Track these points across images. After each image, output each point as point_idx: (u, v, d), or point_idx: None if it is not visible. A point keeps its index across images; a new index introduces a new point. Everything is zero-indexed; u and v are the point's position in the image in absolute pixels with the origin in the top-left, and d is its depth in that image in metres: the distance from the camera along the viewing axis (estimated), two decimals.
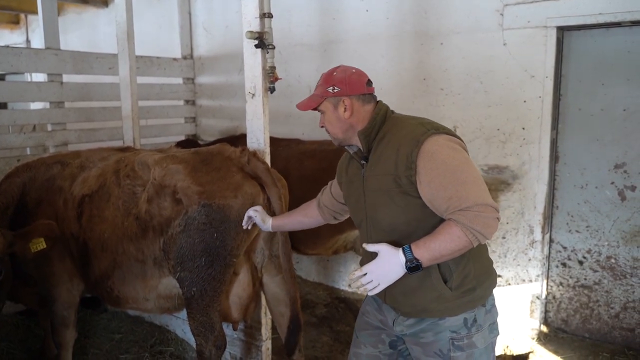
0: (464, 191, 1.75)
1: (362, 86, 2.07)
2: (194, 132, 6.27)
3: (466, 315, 1.97)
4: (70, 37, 7.57)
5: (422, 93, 4.50)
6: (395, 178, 1.91)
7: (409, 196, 1.91)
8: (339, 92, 2.04)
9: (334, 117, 2.08)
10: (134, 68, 4.16)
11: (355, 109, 2.05)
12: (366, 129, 2.05)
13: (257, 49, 3.20)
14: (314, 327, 4.45)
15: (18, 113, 4.65)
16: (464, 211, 1.74)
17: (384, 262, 1.84)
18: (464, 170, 1.80)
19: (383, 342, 2.20)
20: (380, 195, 1.98)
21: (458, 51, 4.26)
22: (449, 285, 1.94)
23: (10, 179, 3.37)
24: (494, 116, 4.16)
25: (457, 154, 1.86)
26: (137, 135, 4.25)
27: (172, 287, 2.93)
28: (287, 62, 5.28)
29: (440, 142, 1.87)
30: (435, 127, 1.94)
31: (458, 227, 1.74)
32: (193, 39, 6.16)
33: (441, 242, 1.77)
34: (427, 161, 1.84)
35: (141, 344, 4.06)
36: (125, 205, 2.92)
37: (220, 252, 2.73)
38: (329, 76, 2.09)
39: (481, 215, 1.72)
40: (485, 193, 1.78)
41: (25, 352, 3.78)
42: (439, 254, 1.78)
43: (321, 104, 2.09)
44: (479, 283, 1.98)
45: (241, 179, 2.82)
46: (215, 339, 2.82)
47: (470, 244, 1.76)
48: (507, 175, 4.15)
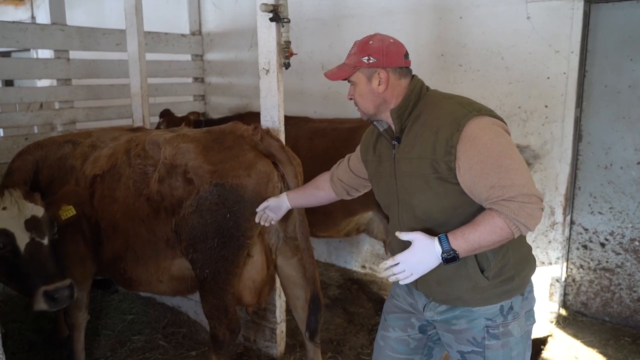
0: (508, 179, 1.64)
1: (400, 58, 1.92)
2: (203, 110, 6.15)
3: (503, 302, 1.87)
4: (76, 13, 7.41)
5: (440, 70, 4.35)
6: (433, 163, 1.79)
7: (447, 182, 1.79)
8: (375, 63, 1.88)
9: (366, 90, 1.93)
10: (142, 44, 4.03)
11: (391, 82, 1.91)
12: (400, 107, 1.91)
13: (271, 22, 3.07)
14: (327, 308, 4.39)
15: (25, 90, 4.54)
16: (507, 201, 1.63)
17: (419, 252, 1.74)
18: (507, 156, 1.68)
19: (412, 326, 2.11)
20: (415, 179, 1.86)
21: (478, 25, 4.09)
22: (486, 275, 1.84)
23: (23, 156, 3.32)
24: (515, 93, 4.01)
25: (501, 139, 1.73)
26: (147, 113, 4.14)
27: (185, 268, 2.87)
28: (299, 37, 5.12)
29: (483, 126, 1.74)
30: (477, 109, 1.80)
31: (500, 218, 1.64)
32: (202, 14, 5.99)
33: (481, 234, 1.66)
34: (468, 146, 1.71)
35: (153, 325, 4.02)
36: (136, 186, 2.85)
37: (233, 233, 2.65)
38: (364, 45, 1.92)
39: (526, 205, 1.61)
40: (530, 181, 1.67)
41: (37, 333, 3.74)
42: (478, 245, 1.68)
43: (353, 74, 1.94)
44: (517, 272, 1.88)
45: (254, 157, 2.72)
46: (229, 322, 2.76)
47: (512, 235, 1.66)
48: (527, 155, 4.01)
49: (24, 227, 2.51)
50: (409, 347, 2.12)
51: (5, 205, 2.52)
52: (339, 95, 4.97)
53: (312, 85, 5.17)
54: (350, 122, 4.25)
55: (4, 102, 4.50)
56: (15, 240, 2.48)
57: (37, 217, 2.59)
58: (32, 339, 3.68)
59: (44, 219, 2.62)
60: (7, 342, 3.51)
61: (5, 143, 4.25)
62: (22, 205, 2.58)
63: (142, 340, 3.81)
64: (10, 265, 2.51)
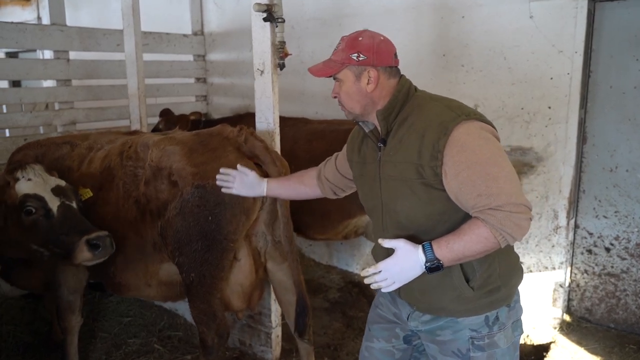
0: (495, 188, 1.58)
1: (391, 57, 1.84)
2: (205, 110, 6.11)
3: (488, 313, 1.81)
4: (81, 14, 7.44)
5: (442, 70, 4.27)
6: (418, 168, 1.73)
7: (433, 189, 1.73)
8: (365, 60, 1.80)
9: (354, 88, 1.85)
10: (139, 44, 4.00)
11: (380, 82, 1.83)
12: (386, 108, 1.84)
13: (265, 22, 3.02)
14: (326, 312, 4.33)
15: (24, 91, 4.54)
16: (493, 210, 1.57)
17: (401, 260, 1.69)
18: (496, 163, 1.62)
19: (397, 337, 2.06)
20: (400, 184, 1.80)
21: (480, 25, 4.01)
22: (471, 285, 1.78)
23: (24, 151, 3.34)
24: (517, 94, 3.92)
25: (490, 145, 1.66)
26: (144, 114, 4.12)
27: (173, 273, 2.84)
28: (300, 37, 5.07)
29: (471, 131, 1.67)
30: (466, 113, 1.73)
31: (486, 227, 1.58)
32: (204, 14, 5.96)
33: (466, 243, 1.61)
34: (455, 152, 1.65)
35: (149, 328, 3.99)
36: (126, 188, 2.83)
37: (216, 236, 2.62)
38: (353, 40, 1.83)
39: (513, 215, 1.56)
40: (519, 190, 1.62)
41: (32, 335, 3.72)
42: (463, 255, 1.63)
43: (340, 71, 1.85)
44: (504, 282, 1.82)
45: (235, 158, 2.68)
46: (217, 327, 2.72)
47: (498, 245, 1.61)
48: (530, 157, 3.92)
49: (52, 194, 2.58)
50: (394, 357, 2.07)
51: (30, 177, 2.60)
52: None
53: (313, 85, 5.10)
54: (349, 123, 4.18)
55: (3, 102, 4.50)
56: (47, 203, 2.54)
57: (61, 186, 2.67)
58: (27, 341, 3.65)
59: (68, 187, 2.69)
60: (1, 344, 3.49)
61: (4, 144, 4.23)
62: (46, 177, 2.66)
63: (138, 344, 3.78)
64: (45, 229, 2.54)
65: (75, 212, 2.64)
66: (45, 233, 2.55)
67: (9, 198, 2.57)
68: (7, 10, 8.62)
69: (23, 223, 2.56)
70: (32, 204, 2.53)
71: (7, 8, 8.63)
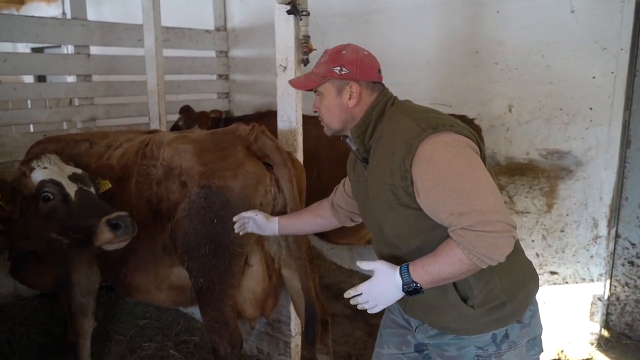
0: (466, 205, 1.49)
1: (374, 72, 1.79)
2: (227, 108, 5.99)
3: (495, 331, 1.72)
4: (103, 10, 7.40)
5: (474, 67, 4.05)
6: (392, 188, 1.67)
7: (409, 208, 1.66)
8: (347, 74, 1.75)
9: (335, 103, 1.79)
10: (159, 39, 3.88)
11: (362, 97, 1.77)
12: (358, 126, 1.77)
13: (289, 15, 2.87)
14: (348, 319, 4.16)
15: (45, 86, 4.48)
16: (465, 230, 1.49)
17: (380, 283, 1.64)
18: (467, 178, 1.53)
19: (408, 344, 1.98)
20: (382, 205, 1.74)
21: (516, 20, 3.78)
22: (470, 304, 1.69)
23: (42, 145, 3.29)
24: (556, 94, 3.68)
25: (459, 158, 1.57)
26: (163, 111, 4.00)
27: (184, 277, 2.73)
28: (325, 33, 4.90)
29: (438, 146, 1.58)
30: (434, 125, 1.62)
31: (458, 249, 1.51)
32: (227, 9, 5.83)
33: (441, 265, 1.55)
34: (422, 170, 1.58)
35: (165, 331, 3.88)
36: (139, 187, 2.73)
37: (222, 240, 2.50)
38: (336, 54, 1.78)
39: (486, 235, 1.46)
40: (496, 205, 1.50)
41: (46, 336, 3.65)
42: (439, 277, 1.57)
43: (322, 84, 1.79)
44: (510, 297, 1.71)
45: (243, 157, 2.55)
46: (230, 336, 2.59)
47: (476, 267, 1.53)
48: (569, 162, 3.68)
49: (69, 180, 2.53)
50: None
51: (45, 166, 2.56)
52: None
53: None
54: None
55: (23, 98, 4.43)
56: (65, 188, 2.48)
57: (78, 173, 2.61)
58: (41, 342, 3.58)
59: (85, 174, 2.63)
60: (15, 345, 3.41)
61: (23, 140, 4.16)
62: (62, 165, 2.61)
63: (153, 348, 3.67)
64: (64, 215, 2.47)
65: (93, 196, 2.55)
66: (64, 219, 2.47)
67: (25, 188, 2.51)
68: (33, 6, 8.66)
69: (41, 211, 2.49)
70: (50, 190, 2.46)
71: (33, 4, 8.68)
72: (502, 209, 1.50)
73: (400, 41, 4.41)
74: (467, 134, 1.66)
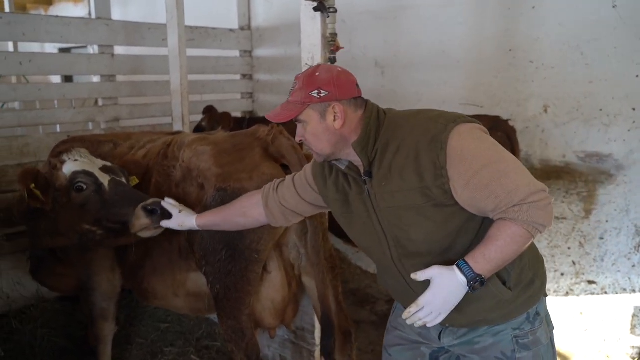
0: (510, 184, 1.50)
1: (353, 88, 1.71)
2: (251, 108, 5.92)
3: (529, 310, 1.75)
4: (130, 10, 7.41)
5: (507, 66, 3.89)
6: (424, 191, 1.60)
7: (445, 207, 1.62)
8: (327, 96, 1.65)
9: (320, 128, 1.69)
10: (183, 38, 3.81)
11: (348, 116, 1.68)
12: (362, 139, 1.68)
13: (315, 12, 2.75)
14: (374, 326, 4.03)
15: (68, 87, 4.47)
16: (519, 206, 1.49)
17: (442, 289, 1.58)
18: (500, 159, 1.56)
19: (423, 356, 1.93)
20: (406, 213, 1.66)
21: (554, 16, 3.62)
22: (509, 286, 1.67)
23: (67, 145, 3.24)
24: (596, 94, 3.51)
25: (486, 143, 1.61)
26: (187, 112, 3.93)
27: (202, 284, 2.65)
28: (351, 32, 4.77)
29: (464, 135, 1.59)
30: (452, 119, 1.62)
31: (517, 225, 1.51)
32: (251, 8, 5.76)
33: (503, 248, 1.53)
34: (457, 162, 1.55)
35: (187, 336, 3.80)
36: (158, 187, 2.67)
37: (238, 245, 2.42)
38: (310, 77, 1.68)
39: (538, 204, 1.49)
40: (530, 177, 1.54)
41: (67, 339, 3.60)
42: (502, 261, 1.56)
43: (302, 112, 1.68)
44: (536, 272, 1.76)
45: (259, 158, 2.48)
46: (246, 346, 2.50)
47: (532, 238, 1.54)
48: (609, 165, 3.50)
49: (101, 171, 2.52)
50: None
51: (77, 158, 2.54)
52: (394, 94, 4.60)
53: (365, 83, 4.75)
54: None
55: (47, 98, 4.42)
56: (98, 179, 2.47)
57: (108, 165, 2.60)
58: (62, 345, 3.53)
59: (116, 167, 2.62)
60: (36, 348, 3.38)
61: (46, 140, 4.14)
62: (92, 158, 2.61)
63: (174, 353, 3.60)
64: (98, 205, 2.45)
65: (126, 185, 2.53)
66: (99, 209, 2.45)
67: (57, 180, 2.48)
68: (61, 6, 8.75)
69: (74, 202, 2.47)
70: (83, 180, 2.44)
71: (60, 5, 8.77)
72: (535, 179, 1.54)
73: (429, 39, 4.27)
74: (477, 121, 1.68)
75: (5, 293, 3.55)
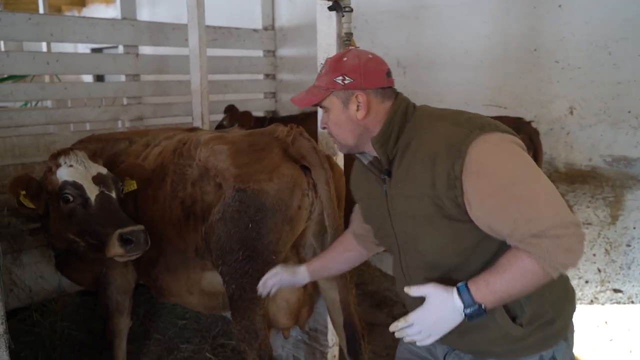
0: (533, 210, 1.33)
1: (382, 77, 1.59)
2: (274, 108, 5.93)
3: (543, 352, 1.53)
4: (158, 10, 7.54)
5: (532, 67, 3.79)
6: (435, 200, 1.47)
7: (457, 221, 1.47)
8: (352, 84, 1.57)
9: (343, 117, 1.61)
10: (203, 38, 3.85)
11: (372, 106, 1.59)
12: (381, 135, 1.58)
13: (331, 11, 2.74)
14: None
15: (94, 86, 4.57)
16: (536, 238, 1.31)
17: (435, 310, 1.43)
18: (525, 181, 1.37)
19: None
20: (417, 221, 1.55)
21: (581, 15, 3.51)
22: (519, 322, 1.50)
23: (84, 144, 3.31)
24: (624, 95, 3.38)
25: (514, 159, 1.42)
26: (206, 111, 3.96)
27: (217, 283, 2.64)
28: (373, 31, 4.74)
29: (489, 147, 1.41)
30: (479, 126, 1.45)
31: (531, 259, 1.32)
32: (275, 8, 5.77)
33: (509, 281, 1.36)
34: (475, 176, 1.39)
35: (203, 333, 3.84)
36: (174, 187, 2.67)
37: (256, 245, 2.39)
38: (337, 62, 1.60)
39: (562, 240, 1.30)
40: (561, 207, 1.35)
41: (87, 333, 3.68)
42: (508, 295, 1.38)
43: (325, 98, 1.61)
44: (558, 312, 1.54)
45: (279, 159, 2.43)
46: (259, 347, 2.49)
47: (550, 277, 1.35)
48: (637, 170, 3.38)
49: (92, 182, 2.53)
50: None
51: (72, 164, 2.55)
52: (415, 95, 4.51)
53: None
54: None
55: (74, 97, 4.53)
56: (85, 192, 2.48)
57: (102, 174, 2.60)
58: (82, 339, 3.61)
59: (109, 176, 2.62)
60: (56, 341, 3.46)
61: (72, 138, 4.24)
62: (88, 164, 2.60)
63: (190, 350, 3.63)
64: (81, 218, 2.49)
65: (113, 202, 2.53)
66: (81, 222, 2.48)
67: (50, 184, 2.53)
68: (93, 8, 8.98)
69: (61, 210, 2.51)
70: (70, 192, 2.47)
71: (92, 6, 9.00)
72: (568, 210, 1.35)
73: (451, 39, 4.19)
74: (514, 133, 1.49)
75: (27, 286, 3.63)
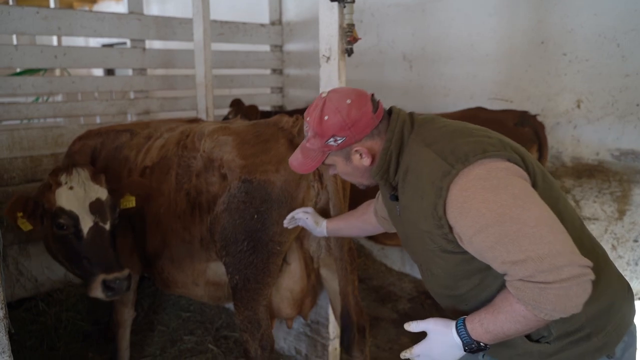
0: (518, 252, 1.23)
1: (369, 118, 1.51)
2: (280, 102, 5.93)
3: None
4: (168, 7, 7.58)
5: (539, 59, 3.73)
6: (429, 236, 1.44)
7: (454, 254, 1.43)
8: (345, 141, 1.53)
9: (349, 169, 1.61)
10: (208, 32, 3.85)
11: (374, 148, 1.56)
12: (378, 168, 1.55)
13: (332, 2, 2.71)
14: (394, 324, 3.96)
15: (101, 80, 4.59)
16: (523, 282, 1.24)
17: (437, 345, 1.43)
18: (513, 218, 1.25)
19: None
20: (424, 249, 1.52)
21: (589, 6, 3.44)
22: (546, 340, 1.43)
23: (83, 140, 3.32)
24: (632, 88, 3.31)
25: (500, 194, 1.28)
26: (211, 105, 3.96)
27: (221, 273, 2.65)
28: (380, 25, 4.71)
29: (472, 184, 1.32)
30: (462, 157, 1.35)
31: (519, 304, 1.26)
32: (282, 2, 5.76)
33: (504, 323, 1.31)
34: (458, 215, 1.33)
35: (207, 325, 3.85)
36: (179, 179, 2.68)
37: (261, 237, 2.39)
38: (319, 125, 1.52)
39: (550, 287, 1.19)
40: (555, 245, 1.21)
41: (92, 323, 3.71)
42: (504, 335, 1.33)
43: (325, 160, 1.62)
44: (596, 329, 1.42)
45: (286, 150, 2.41)
46: (261, 337, 2.50)
47: (545, 321, 1.28)
48: None
49: (89, 210, 2.50)
50: None
51: (72, 185, 2.52)
52: (421, 89, 4.50)
53: (392, 77, 4.73)
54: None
55: (82, 91, 4.57)
56: (80, 223, 2.47)
57: (101, 200, 2.56)
58: (87, 330, 3.64)
59: (107, 202, 2.59)
60: (60, 330, 3.50)
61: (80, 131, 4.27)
62: (88, 187, 2.57)
63: (193, 342, 3.65)
64: (71, 248, 2.50)
65: (105, 238, 2.51)
66: (70, 251, 2.51)
67: (47, 202, 2.50)
68: (104, 5, 9.04)
69: (53, 232, 2.52)
70: (64, 221, 2.46)
71: (104, 2, 9.06)
72: (565, 248, 1.22)
73: (457, 32, 4.15)
74: (508, 155, 1.37)
75: (33, 276, 3.68)
